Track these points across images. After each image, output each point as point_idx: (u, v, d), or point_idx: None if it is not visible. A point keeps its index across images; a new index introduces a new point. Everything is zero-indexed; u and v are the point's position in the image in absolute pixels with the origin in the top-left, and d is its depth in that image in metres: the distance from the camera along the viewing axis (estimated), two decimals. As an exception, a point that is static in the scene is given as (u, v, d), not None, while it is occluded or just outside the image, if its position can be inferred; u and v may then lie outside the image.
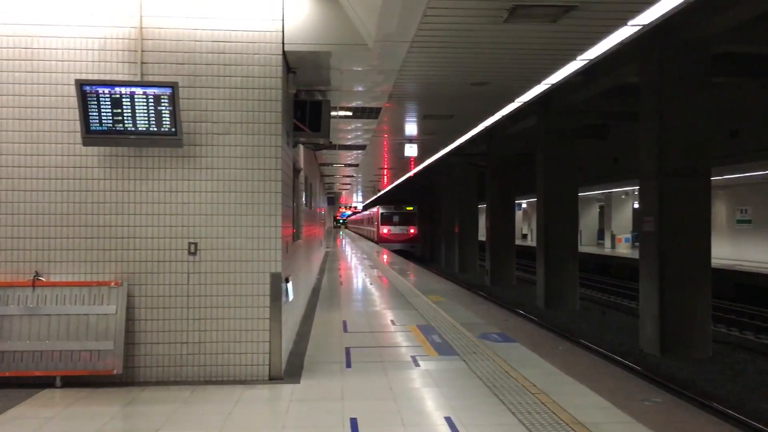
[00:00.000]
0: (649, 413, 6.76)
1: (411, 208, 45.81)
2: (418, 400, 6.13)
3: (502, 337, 9.32)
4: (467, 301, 15.58)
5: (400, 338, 9.33)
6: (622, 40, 7.61)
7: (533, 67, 8.95)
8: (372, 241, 50.51)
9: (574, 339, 14.36)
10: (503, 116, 13.35)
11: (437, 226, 42.19)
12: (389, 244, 44.21)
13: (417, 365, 7.50)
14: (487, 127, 14.91)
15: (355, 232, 74.56)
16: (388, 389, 6.43)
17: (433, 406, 5.92)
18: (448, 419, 5.45)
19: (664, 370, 11.93)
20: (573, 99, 17.77)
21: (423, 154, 20.05)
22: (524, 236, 49.95)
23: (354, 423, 5.31)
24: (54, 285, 6.50)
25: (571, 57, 8.37)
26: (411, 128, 14.92)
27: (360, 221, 65.27)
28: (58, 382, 6.33)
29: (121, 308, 6.48)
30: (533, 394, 6.21)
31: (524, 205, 49.57)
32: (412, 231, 45.34)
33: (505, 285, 26.11)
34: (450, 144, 18.31)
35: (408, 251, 43.32)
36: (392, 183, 39.61)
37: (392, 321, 10.94)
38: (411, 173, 31.21)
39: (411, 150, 16.40)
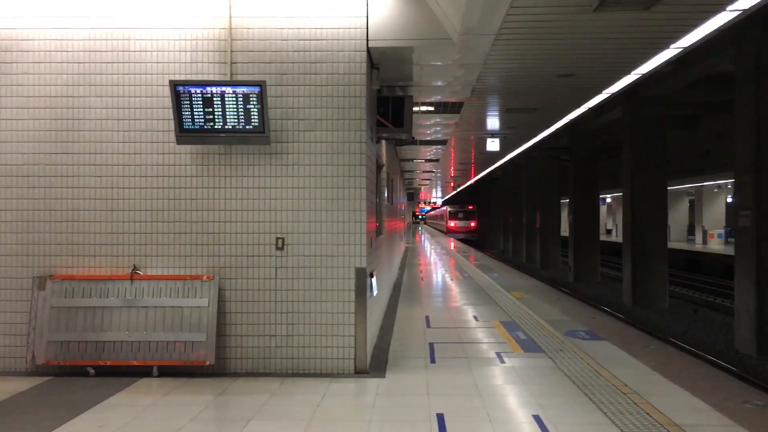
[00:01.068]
0: (750, 416, 6.44)
1: (472, 207, 57.41)
2: (504, 397, 6.06)
3: (590, 335, 9.08)
4: (551, 298, 15.27)
5: (483, 334, 9.25)
6: (720, 27, 7.26)
7: (623, 57, 8.67)
8: (442, 232, 62.10)
9: (665, 338, 13.85)
10: (588, 108, 13.01)
11: (491, 219, 52.11)
12: (455, 234, 55.51)
13: (502, 362, 7.41)
14: (571, 120, 14.58)
15: (432, 227, 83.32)
16: (473, 385, 6.38)
17: (520, 404, 5.84)
18: (536, 417, 5.35)
19: (761, 371, 11.34)
20: (662, 89, 17.11)
21: (504, 149, 19.80)
22: (608, 231, 48.60)
23: (440, 419, 5.29)
24: (150, 278, 6.77)
25: (664, 45, 8.05)
26: (493, 122, 14.75)
27: (435, 217, 79.44)
28: (155, 371, 6.59)
29: (213, 301, 6.69)
30: (625, 393, 6.02)
31: (608, 200, 48.23)
32: (472, 225, 57.21)
33: (589, 282, 25.44)
34: (532, 138, 18.01)
35: (468, 239, 53.22)
36: (473, 178, 39.39)
37: (475, 317, 10.85)
38: (484, 172, 30.89)
39: (493, 145, 16.20)
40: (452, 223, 57.44)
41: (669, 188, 20.95)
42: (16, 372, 6.73)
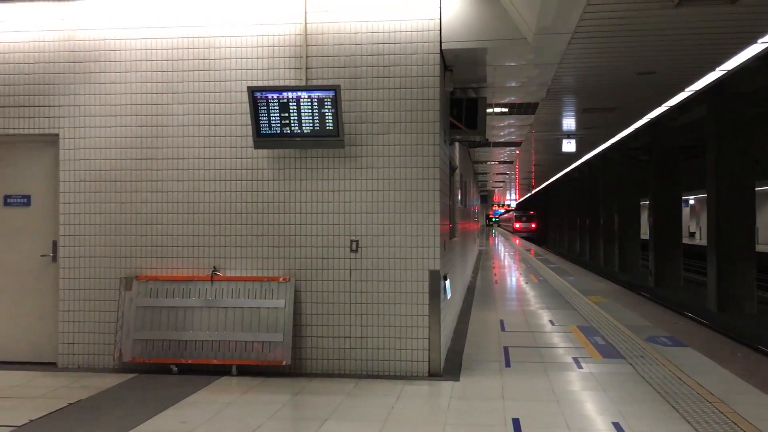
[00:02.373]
0: None
1: (532, 213, 73.38)
2: (582, 403, 5.93)
3: (672, 341, 8.77)
4: (630, 303, 14.84)
5: (559, 339, 9.07)
6: (813, 18, 6.89)
7: (707, 53, 8.33)
8: (510, 231, 78.70)
9: (753, 345, 13.22)
10: (670, 107, 12.58)
11: (549, 221, 65.87)
12: (519, 233, 71.97)
13: (580, 367, 7.25)
14: (651, 118, 14.13)
15: (503, 228, 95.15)
16: (550, 390, 6.27)
17: (598, 410, 5.69)
18: (616, 425, 5.20)
19: None
20: (749, 85, 16.35)
21: (581, 150, 19.39)
22: (691, 234, 46.87)
23: (516, 423, 5.22)
24: (229, 279, 6.96)
25: (751, 40, 7.70)
26: (569, 123, 14.46)
27: (505, 219, 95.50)
28: (234, 370, 6.76)
29: (289, 302, 6.81)
30: (710, 402, 5.78)
31: (692, 201, 46.53)
32: (532, 225, 72.61)
33: (670, 286, 24.57)
34: (610, 138, 17.55)
35: (529, 237, 66.84)
36: (547, 180, 38.72)
37: (551, 321, 10.66)
38: (559, 174, 30.27)
39: (569, 146, 15.89)
40: (517, 225, 74.83)
41: (757, 188, 19.98)
42: (104, 369, 7.04)
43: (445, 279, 7.44)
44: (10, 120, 7.26)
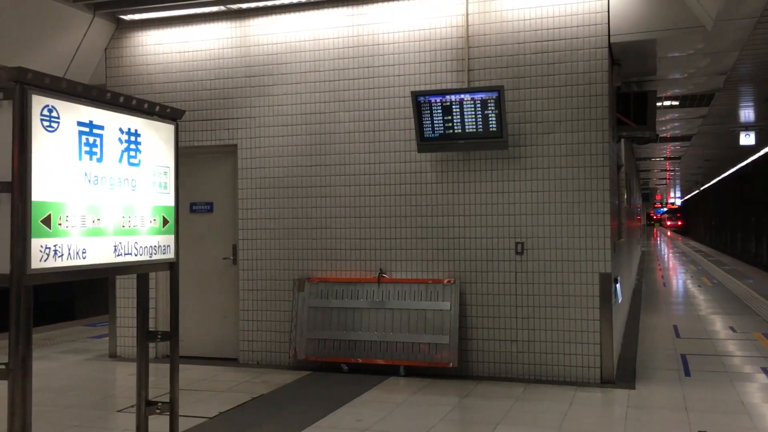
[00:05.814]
0: None
1: (679, 214, 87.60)
2: (778, 419, 5.45)
3: None
4: (822, 309, 13.43)
5: (744, 347, 8.40)
6: None
7: None
8: (664, 227, 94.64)
9: None
10: None
11: (693, 218, 75.17)
12: (670, 228, 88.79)
13: (771, 379, 6.67)
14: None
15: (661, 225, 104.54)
16: (738, 403, 5.81)
17: (798, 427, 5.20)
18: (821, 444, 4.73)
19: None
20: None
21: (760, 143, 17.85)
22: None
23: (704, 437, 4.90)
24: (395, 281, 7.09)
25: None
26: (747, 114, 13.37)
27: (659, 219, 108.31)
28: (401, 370, 6.88)
29: (455, 305, 6.82)
30: None
31: None
32: (679, 222, 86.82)
33: None
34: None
35: (676, 230, 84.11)
36: (716, 177, 36.07)
37: (731, 327, 9.90)
38: (732, 169, 27.99)
39: (747, 138, 14.68)
40: (668, 222, 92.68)
41: None
42: (280, 365, 7.42)
43: (616, 282, 7.13)
44: (195, 133, 7.86)
